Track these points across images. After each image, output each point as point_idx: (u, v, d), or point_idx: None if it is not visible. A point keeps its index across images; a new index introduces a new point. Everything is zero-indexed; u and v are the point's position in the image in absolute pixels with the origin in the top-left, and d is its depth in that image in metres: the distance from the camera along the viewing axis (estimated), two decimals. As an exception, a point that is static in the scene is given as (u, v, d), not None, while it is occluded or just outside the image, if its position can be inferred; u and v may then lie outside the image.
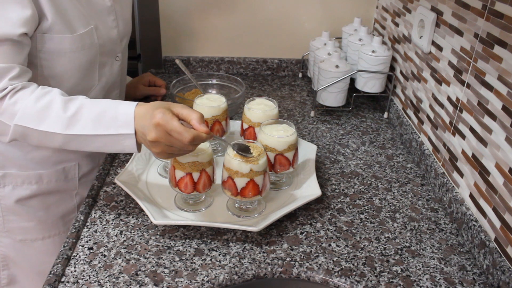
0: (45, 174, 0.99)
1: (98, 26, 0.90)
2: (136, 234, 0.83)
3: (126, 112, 0.74)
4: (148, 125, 0.71)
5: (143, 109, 0.74)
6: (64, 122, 0.74)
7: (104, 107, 0.76)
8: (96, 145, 0.76)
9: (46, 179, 0.99)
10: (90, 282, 0.72)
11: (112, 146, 0.76)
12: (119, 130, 0.74)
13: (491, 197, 0.79)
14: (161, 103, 0.73)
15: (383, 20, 1.42)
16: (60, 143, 0.76)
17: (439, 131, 1.00)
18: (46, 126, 0.74)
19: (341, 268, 0.77)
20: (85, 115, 0.75)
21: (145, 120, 0.72)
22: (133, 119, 0.74)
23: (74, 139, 0.75)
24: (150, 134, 0.71)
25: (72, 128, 0.74)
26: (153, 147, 0.73)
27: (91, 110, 0.75)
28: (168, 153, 0.73)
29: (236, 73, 1.57)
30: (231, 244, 0.82)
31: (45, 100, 0.75)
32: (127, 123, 0.74)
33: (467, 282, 0.76)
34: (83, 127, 0.74)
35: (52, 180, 1.00)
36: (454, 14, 0.93)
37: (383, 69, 1.25)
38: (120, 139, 0.75)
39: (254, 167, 0.79)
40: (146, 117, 0.72)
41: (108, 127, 0.74)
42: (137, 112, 0.74)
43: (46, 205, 1.02)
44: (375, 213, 0.91)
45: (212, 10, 1.47)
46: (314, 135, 1.20)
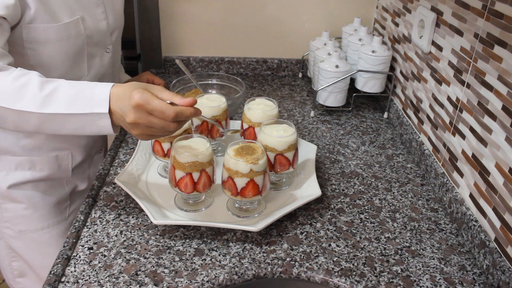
0: (38, 161, 0.99)
1: (85, 18, 0.90)
2: (136, 234, 0.83)
3: (101, 92, 0.72)
4: (126, 106, 0.69)
5: (120, 90, 0.72)
6: (39, 100, 0.71)
7: (81, 87, 0.74)
8: (71, 126, 0.73)
9: (39, 165, 1.00)
10: (90, 282, 0.72)
11: (87, 127, 0.74)
12: (94, 109, 0.71)
13: (491, 197, 0.79)
14: (139, 84, 0.72)
15: (383, 20, 1.42)
16: (35, 123, 0.73)
17: (439, 131, 1.00)
18: (22, 105, 0.71)
19: (341, 268, 0.77)
20: (61, 94, 0.72)
21: (123, 101, 0.70)
22: (108, 98, 0.71)
23: (49, 119, 0.73)
24: (130, 116, 0.69)
25: (47, 107, 0.71)
26: (132, 129, 0.71)
27: (68, 90, 0.73)
28: (149, 135, 0.72)
29: (236, 73, 1.57)
30: (231, 244, 0.82)
31: (22, 80, 0.73)
32: (102, 102, 0.71)
33: (467, 282, 0.76)
34: (58, 106, 0.72)
35: (45, 167, 1.00)
36: (454, 14, 0.93)
37: (383, 69, 1.25)
38: (95, 119, 0.72)
39: (254, 167, 0.79)
40: (124, 98, 0.70)
41: (83, 106, 0.72)
42: (114, 92, 0.72)
43: (41, 191, 1.02)
44: (375, 213, 0.91)
45: (212, 10, 1.47)
46: (314, 135, 1.20)
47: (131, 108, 0.69)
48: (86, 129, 0.74)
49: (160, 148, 0.91)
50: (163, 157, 0.92)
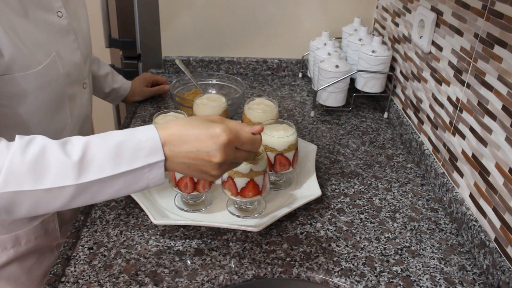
0: (22, 235, 0.84)
1: (59, 52, 0.77)
2: (136, 234, 0.83)
3: (149, 136, 0.59)
4: (211, 146, 0.59)
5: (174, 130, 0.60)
6: (74, 169, 0.56)
7: (117, 138, 0.59)
8: (114, 188, 0.59)
9: (24, 239, 0.85)
10: (90, 282, 0.72)
11: (133, 185, 0.60)
12: (147, 160, 0.59)
13: (491, 197, 0.79)
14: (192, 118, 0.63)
15: (383, 20, 1.42)
16: (67, 199, 0.58)
17: (439, 131, 1.00)
18: (51, 181, 0.56)
19: (341, 268, 0.77)
20: (98, 154, 0.58)
21: (198, 142, 0.59)
22: (159, 142, 0.59)
23: (88, 188, 0.58)
24: (218, 156, 0.59)
25: (86, 174, 0.57)
26: (214, 170, 0.61)
27: (103, 146, 0.58)
28: (227, 170, 0.65)
29: (236, 73, 1.57)
30: (231, 244, 0.82)
31: (34, 149, 0.57)
32: (155, 149, 0.59)
33: (467, 282, 0.76)
34: (101, 169, 0.57)
35: (31, 239, 0.86)
36: (454, 14, 0.93)
37: (383, 69, 1.25)
38: (146, 171, 0.59)
39: (254, 167, 0.79)
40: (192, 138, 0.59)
41: (132, 160, 0.58)
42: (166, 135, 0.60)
43: (26, 269, 0.88)
44: (375, 213, 0.91)
45: (212, 10, 1.47)
46: (314, 135, 1.20)
47: (220, 147, 0.59)
48: (131, 188, 0.60)
49: (160, 148, 0.91)
50: (163, 157, 0.92)
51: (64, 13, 0.80)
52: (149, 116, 1.25)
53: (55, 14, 0.79)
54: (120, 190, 0.60)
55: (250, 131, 0.64)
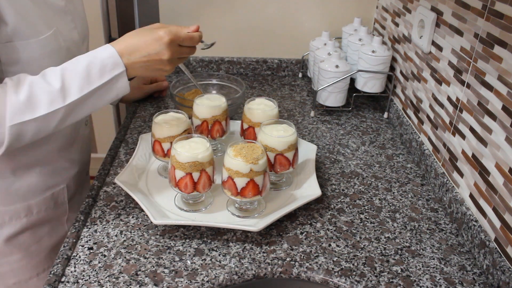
0: (33, 204, 0.92)
1: (59, 29, 0.83)
2: (136, 234, 0.83)
3: (109, 54, 0.74)
4: (157, 48, 0.74)
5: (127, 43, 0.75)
6: (58, 95, 0.71)
7: (84, 62, 0.73)
8: (93, 102, 0.75)
9: (36, 209, 0.92)
10: (90, 282, 0.72)
11: (107, 95, 0.75)
12: (112, 73, 0.74)
13: (491, 197, 0.79)
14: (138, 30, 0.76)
15: (383, 20, 1.42)
16: (59, 119, 0.73)
17: (439, 131, 1.00)
18: (45, 108, 0.71)
19: (341, 268, 0.77)
20: (74, 79, 0.72)
21: (147, 47, 0.74)
22: (119, 57, 0.74)
23: (73, 106, 0.73)
24: (166, 54, 0.75)
25: (69, 96, 0.72)
26: (167, 65, 0.77)
27: (75, 72, 0.72)
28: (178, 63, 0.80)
29: (236, 73, 1.57)
30: (231, 244, 0.82)
31: (24, 89, 0.70)
32: (116, 64, 0.74)
33: (467, 282, 0.76)
34: (80, 89, 0.72)
35: (42, 209, 0.93)
36: (454, 14, 0.93)
37: (383, 69, 1.25)
38: (113, 83, 0.74)
39: (254, 167, 0.79)
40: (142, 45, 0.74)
41: (101, 76, 0.73)
42: (121, 48, 0.74)
43: (37, 239, 0.95)
44: (375, 213, 0.91)
45: (212, 10, 1.47)
46: (314, 135, 1.20)
47: (165, 46, 0.74)
48: (105, 99, 0.76)
49: (160, 148, 0.91)
50: (163, 157, 0.92)
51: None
52: (149, 116, 1.25)
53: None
54: (97, 102, 0.75)
55: (188, 31, 0.78)
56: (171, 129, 0.90)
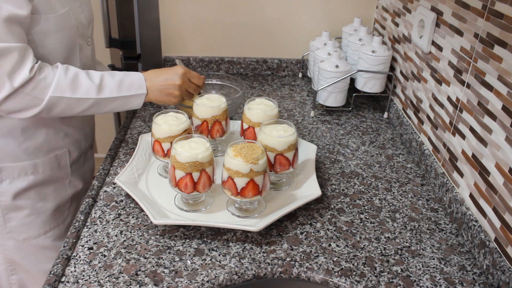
0: (39, 163, 1.01)
1: (71, 9, 0.95)
2: (136, 234, 0.83)
3: (138, 77, 0.96)
4: (173, 75, 0.98)
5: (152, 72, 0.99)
6: (96, 88, 0.91)
7: (120, 76, 0.94)
8: (114, 105, 0.94)
9: (41, 168, 1.02)
10: (90, 282, 0.72)
11: (125, 105, 0.96)
12: (137, 91, 0.95)
13: (491, 197, 0.79)
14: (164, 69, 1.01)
15: (383, 20, 1.42)
16: (87, 107, 0.91)
17: (439, 131, 1.00)
18: (82, 93, 0.89)
19: (341, 268, 0.77)
20: (109, 82, 0.93)
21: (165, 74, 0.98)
22: (144, 81, 0.96)
23: (101, 102, 0.92)
24: (178, 80, 0.98)
25: (102, 92, 0.91)
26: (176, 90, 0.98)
27: (112, 79, 0.93)
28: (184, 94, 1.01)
29: (236, 73, 1.57)
30: (231, 244, 0.82)
31: (72, 72, 0.89)
32: (141, 86, 0.96)
33: (467, 282, 0.76)
34: (111, 91, 0.92)
35: (47, 168, 1.03)
36: (454, 14, 0.93)
37: (383, 69, 1.25)
38: (134, 98, 0.95)
39: (254, 167, 0.79)
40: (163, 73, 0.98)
41: (128, 89, 0.94)
42: (147, 76, 0.97)
43: (43, 197, 1.04)
44: (375, 213, 0.91)
45: (212, 10, 1.47)
46: (314, 135, 1.20)
47: (179, 76, 0.98)
48: (122, 107, 0.96)
49: (160, 148, 0.91)
50: (163, 157, 0.92)
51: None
52: (149, 116, 1.25)
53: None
54: (116, 107, 0.95)
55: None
56: (171, 129, 0.90)
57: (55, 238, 1.08)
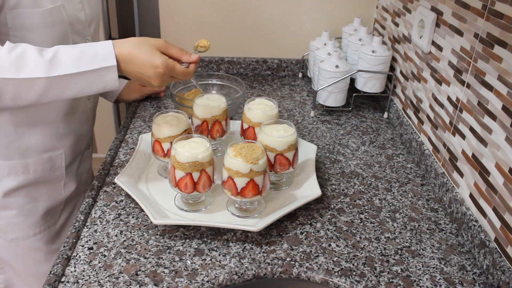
0: (31, 163, 0.97)
1: (65, 6, 0.90)
2: (136, 234, 0.83)
3: (105, 47, 0.77)
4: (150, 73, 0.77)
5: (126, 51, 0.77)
6: (45, 65, 0.73)
7: (80, 47, 0.76)
8: (77, 86, 0.76)
9: (33, 168, 0.97)
10: (90, 282, 0.72)
11: (93, 85, 0.77)
12: (102, 64, 0.75)
13: (491, 197, 0.79)
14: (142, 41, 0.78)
15: (383, 20, 1.42)
16: (40, 89, 0.74)
17: (439, 131, 1.00)
18: (27, 73, 0.72)
19: (341, 268, 0.77)
20: (64, 57, 0.74)
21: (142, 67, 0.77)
22: (113, 51, 0.76)
23: (57, 82, 0.74)
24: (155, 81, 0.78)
25: (55, 70, 0.73)
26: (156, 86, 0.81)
27: (69, 52, 0.75)
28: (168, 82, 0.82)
29: (236, 73, 1.57)
30: (231, 244, 0.82)
31: (18, 50, 0.73)
32: (108, 57, 0.76)
33: (467, 282, 0.76)
34: (66, 67, 0.74)
35: (38, 169, 0.98)
36: (454, 14, 0.93)
37: (383, 69, 1.25)
38: (102, 73, 0.76)
39: (254, 167, 0.79)
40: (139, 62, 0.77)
41: (91, 62, 0.75)
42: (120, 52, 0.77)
43: (33, 198, 1.00)
44: (375, 213, 0.91)
45: (212, 10, 1.47)
46: (314, 135, 1.20)
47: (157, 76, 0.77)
48: (92, 87, 0.77)
49: (160, 148, 0.91)
50: (163, 157, 0.92)
51: None
52: (149, 116, 1.25)
53: None
54: (84, 88, 0.76)
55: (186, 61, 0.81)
56: (171, 129, 0.90)
57: (46, 240, 1.05)
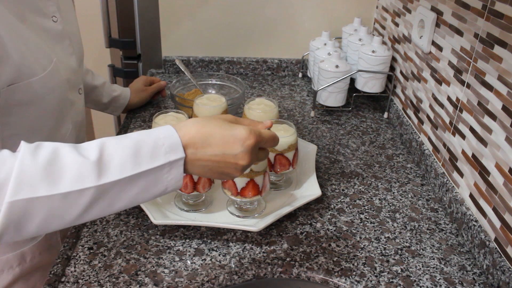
0: (27, 251, 0.83)
1: (59, 58, 0.76)
2: (136, 234, 0.83)
3: (168, 135, 0.56)
4: (237, 149, 0.58)
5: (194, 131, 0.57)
6: (93, 169, 0.51)
7: (135, 137, 0.55)
8: (133, 191, 0.54)
9: (29, 256, 0.84)
10: (90, 282, 0.72)
11: (153, 187, 0.56)
12: (169, 158, 0.55)
13: (491, 197, 0.79)
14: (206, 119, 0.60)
15: (383, 20, 1.42)
16: (85, 205, 0.52)
17: (439, 131, 1.00)
18: (69, 185, 0.50)
19: (341, 268, 0.77)
20: (115, 154, 0.53)
21: (223, 145, 0.57)
22: (179, 140, 0.56)
23: (108, 191, 0.53)
24: (245, 158, 0.59)
25: (107, 175, 0.52)
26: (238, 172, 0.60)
27: (120, 146, 0.54)
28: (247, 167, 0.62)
29: (236, 73, 1.57)
30: (231, 244, 0.82)
31: (45, 152, 0.51)
32: (174, 147, 0.55)
33: (467, 282, 0.76)
34: (121, 168, 0.52)
35: (36, 255, 0.85)
36: (454, 14, 0.93)
37: (383, 69, 1.25)
38: (164, 171, 0.55)
39: (254, 167, 0.79)
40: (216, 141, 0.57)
41: (152, 157, 0.54)
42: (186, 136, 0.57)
43: (31, 285, 0.88)
44: (375, 213, 0.91)
45: (212, 10, 1.47)
46: (314, 135, 1.20)
47: (249, 150, 0.58)
48: (149, 192, 0.56)
49: (160, 148, 0.91)
50: (163, 157, 0.92)
51: (58, 17, 0.80)
52: (149, 116, 1.25)
53: (51, 19, 0.78)
54: (139, 194, 0.55)
55: (265, 127, 0.64)
56: (171, 129, 0.89)
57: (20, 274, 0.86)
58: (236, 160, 0.58)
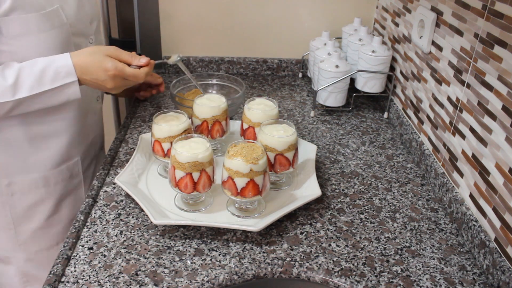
0: (50, 176, 0.98)
1: (63, 7, 0.88)
2: (136, 234, 0.83)
3: (64, 64, 0.82)
4: (103, 76, 0.83)
5: (83, 60, 0.83)
6: (9, 90, 0.79)
7: (40, 65, 0.81)
8: (42, 101, 0.83)
9: (53, 180, 0.99)
10: (90, 282, 0.72)
11: (57, 98, 0.84)
12: (64, 80, 0.82)
13: (491, 197, 0.79)
14: (98, 49, 0.84)
15: (383, 20, 1.42)
16: (7, 110, 0.81)
17: (439, 131, 1.00)
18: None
19: (341, 268, 0.77)
20: (27, 78, 0.80)
21: (97, 73, 0.83)
22: (73, 69, 0.83)
23: (22, 102, 0.81)
24: (109, 83, 0.84)
25: (19, 93, 0.80)
26: (111, 90, 0.87)
27: (30, 72, 0.80)
28: (123, 86, 0.87)
29: (236, 73, 1.57)
30: (231, 244, 0.82)
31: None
32: (69, 74, 0.83)
33: (467, 282, 0.76)
34: (30, 88, 0.80)
35: (59, 180, 1.00)
36: (454, 14, 0.93)
37: (383, 69, 1.25)
38: (63, 88, 0.83)
39: (254, 167, 0.79)
40: (96, 70, 0.83)
41: (52, 81, 0.82)
42: (78, 63, 0.83)
43: (57, 209, 1.01)
44: (375, 213, 0.91)
45: (212, 10, 1.47)
46: (314, 135, 1.20)
47: (109, 78, 0.83)
48: (55, 100, 0.84)
49: (160, 148, 0.91)
50: (163, 157, 0.92)
51: None
52: (149, 116, 1.25)
53: None
54: (47, 102, 0.84)
55: (136, 65, 0.87)
56: (171, 129, 0.90)
57: None
58: (104, 83, 0.84)
